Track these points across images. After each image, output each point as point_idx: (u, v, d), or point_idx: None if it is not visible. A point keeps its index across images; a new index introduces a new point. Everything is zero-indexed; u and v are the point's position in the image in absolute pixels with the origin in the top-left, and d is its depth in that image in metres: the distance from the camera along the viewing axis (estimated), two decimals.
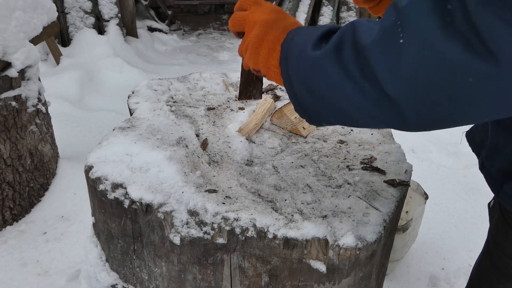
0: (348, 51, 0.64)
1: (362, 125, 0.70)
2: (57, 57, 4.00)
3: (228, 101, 1.41)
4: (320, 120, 0.76)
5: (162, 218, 0.95)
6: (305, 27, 0.80)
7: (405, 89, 0.58)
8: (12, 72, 1.97)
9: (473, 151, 1.11)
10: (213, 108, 1.36)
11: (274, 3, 1.20)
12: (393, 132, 1.31)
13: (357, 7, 5.58)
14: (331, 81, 0.67)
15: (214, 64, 4.96)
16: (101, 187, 1.01)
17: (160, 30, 5.75)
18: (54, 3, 2.88)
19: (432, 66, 0.55)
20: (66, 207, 2.27)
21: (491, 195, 2.48)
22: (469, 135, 1.12)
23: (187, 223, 0.93)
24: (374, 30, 0.61)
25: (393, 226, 1.05)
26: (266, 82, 1.53)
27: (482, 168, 1.01)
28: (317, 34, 0.73)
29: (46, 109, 2.30)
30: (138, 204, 0.97)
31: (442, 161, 2.86)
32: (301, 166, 1.11)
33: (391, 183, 1.05)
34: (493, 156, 0.95)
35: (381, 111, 0.63)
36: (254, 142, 1.20)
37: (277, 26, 0.82)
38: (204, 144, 1.17)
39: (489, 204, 1.21)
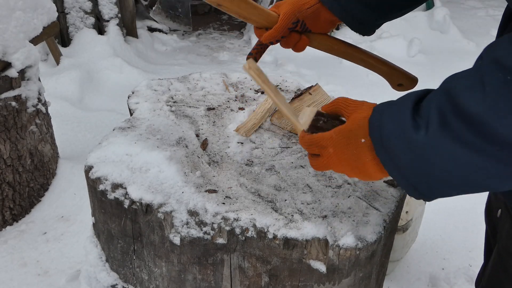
0: (457, 124, 0.59)
1: (497, 188, 0.65)
2: (57, 57, 4.00)
3: (228, 101, 1.41)
4: (439, 195, 0.69)
5: (162, 218, 0.95)
6: (384, 108, 0.71)
7: None
8: (12, 72, 1.97)
9: None
10: (213, 108, 1.36)
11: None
12: None
13: None
14: (451, 158, 0.61)
15: (214, 64, 4.96)
16: (101, 187, 1.01)
17: (160, 30, 5.75)
18: (54, 3, 2.88)
19: None
20: (66, 207, 2.27)
21: None
22: None
23: (187, 223, 0.93)
24: (477, 90, 0.57)
25: (393, 226, 1.05)
26: None
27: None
28: (409, 111, 0.66)
29: (46, 109, 2.30)
30: (138, 204, 0.97)
31: None
32: (301, 166, 1.11)
33: (391, 183, 1.05)
34: None
35: None
36: (254, 142, 1.20)
37: (350, 131, 0.74)
38: (204, 144, 1.17)
39: (488, 212, 1.19)
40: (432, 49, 4.90)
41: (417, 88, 0.86)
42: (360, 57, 1.13)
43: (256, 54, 1.15)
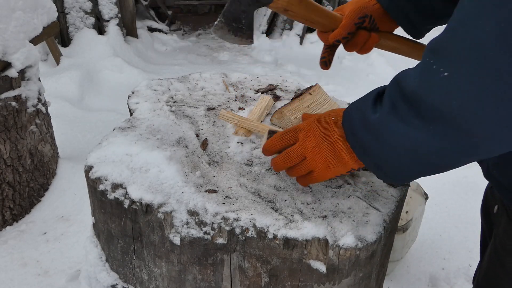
0: (401, 106, 0.69)
1: (455, 165, 0.72)
2: (57, 57, 4.00)
3: (228, 101, 1.41)
4: (401, 176, 0.79)
5: (162, 218, 0.95)
6: (354, 102, 0.83)
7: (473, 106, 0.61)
8: (12, 72, 1.97)
9: None
10: (213, 108, 1.36)
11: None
12: None
13: None
14: (399, 137, 0.71)
15: (214, 64, 4.96)
16: (101, 187, 1.01)
17: (160, 30, 5.75)
18: (54, 3, 2.88)
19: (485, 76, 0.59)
20: (66, 207, 2.28)
21: None
22: None
23: (187, 223, 0.93)
24: (413, 73, 0.67)
25: (393, 226, 1.05)
26: (264, 83, 1.53)
27: (489, 176, 1.00)
28: (371, 99, 0.77)
29: (46, 109, 2.30)
30: (138, 204, 0.97)
31: None
32: None
33: (391, 183, 1.05)
34: (502, 165, 0.93)
35: (463, 142, 0.66)
36: (254, 142, 1.20)
37: (322, 121, 0.86)
38: (204, 144, 1.17)
39: (484, 208, 1.20)
40: None
41: None
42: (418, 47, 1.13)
43: (329, 56, 1.15)
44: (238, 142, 1.18)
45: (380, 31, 1.10)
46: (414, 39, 1.16)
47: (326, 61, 1.15)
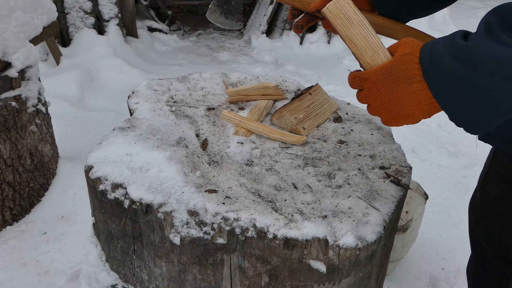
0: (501, 31, 0.67)
1: None
2: (57, 57, 4.00)
3: (228, 101, 1.41)
4: (487, 116, 0.73)
5: (162, 218, 0.95)
6: (434, 40, 0.78)
7: None
8: (12, 72, 1.97)
9: None
10: (213, 108, 1.36)
11: None
12: (393, 132, 1.31)
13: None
14: (499, 60, 0.67)
15: (214, 64, 4.96)
16: (101, 187, 1.01)
17: (160, 30, 5.75)
18: (54, 3, 2.88)
19: None
20: (66, 207, 2.27)
21: None
22: None
23: (187, 223, 0.93)
24: None
25: (393, 226, 1.05)
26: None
27: (489, 137, 1.00)
28: (458, 33, 0.74)
29: (46, 109, 2.30)
30: (138, 204, 0.97)
31: (442, 161, 2.86)
32: (300, 166, 1.11)
33: (395, 181, 1.05)
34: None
35: None
36: (254, 142, 1.20)
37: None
38: (204, 144, 1.17)
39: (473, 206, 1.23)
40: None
41: None
42: (402, 28, 1.08)
43: (303, 22, 1.12)
44: (238, 142, 1.18)
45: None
46: (387, 18, 1.12)
47: (299, 25, 1.13)
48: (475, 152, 2.96)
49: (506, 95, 0.69)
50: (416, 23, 1.10)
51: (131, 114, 1.32)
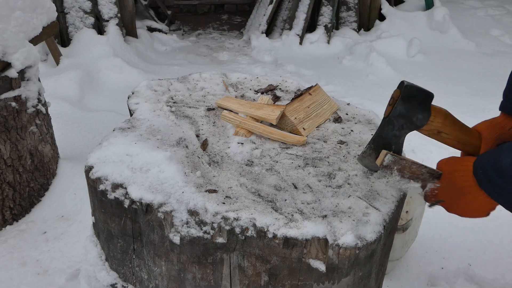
0: None
1: None
2: (57, 57, 4.00)
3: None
4: None
5: (162, 217, 0.95)
6: (484, 154, 0.93)
7: None
8: (12, 73, 1.97)
9: None
10: (213, 109, 1.36)
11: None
12: None
13: (356, 7, 5.58)
14: None
15: (214, 64, 4.96)
16: (101, 187, 1.01)
17: (159, 30, 5.75)
18: (53, 3, 2.88)
19: None
20: (66, 207, 2.27)
21: None
22: None
23: (187, 222, 0.93)
24: None
25: (393, 226, 1.06)
26: (264, 83, 1.53)
27: None
28: (505, 148, 0.86)
29: (46, 109, 2.30)
30: (138, 204, 0.97)
31: None
32: (301, 166, 1.11)
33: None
34: None
35: None
36: (254, 143, 1.20)
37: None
38: (204, 145, 1.18)
39: None
40: (432, 49, 4.90)
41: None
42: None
43: None
44: (238, 143, 1.19)
45: None
46: None
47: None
48: None
49: None
50: (416, 23, 1.09)
51: (131, 115, 1.32)
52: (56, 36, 4.33)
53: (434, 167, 1.01)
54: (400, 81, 1.02)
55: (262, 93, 1.46)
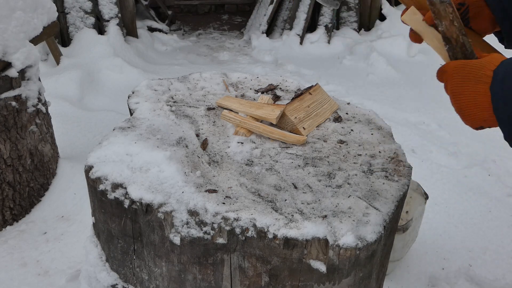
0: None
1: None
2: (57, 57, 4.00)
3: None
4: None
5: (162, 218, 0.95)
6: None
7: None
8: (12, 72, 1.97)
9: None
10: (213, 108, 1.36)
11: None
12: (393, 132, 1.31)
13: (357, 7, 5.58)
14: None
15: (214, 64, 4.96)
16: (101, 187, 1.01)
17: (160, 30, 5.75)
18: (54, 3, 2.88)
19: None
20: (66, 207, 2.27)
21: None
22: None
23: (187, 223, 0.93)
24: None
25: (393, 226, 1.05)
26: (265, 83, 1.53)
27: None
28: None
29: (46, 109, 2.30)
30: (138, 204, 0.97)
31: (442, 161, 2.86)
32: (301, 166, 1.11)
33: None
34: None
35: None
36: (254, 142, 1.20)
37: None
38: (204, 144, 1.17)
39: None
40: (432, 49, 4.89)
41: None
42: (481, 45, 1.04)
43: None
44: (238, 142, 1.18)
45: (471, 29, 1.01)
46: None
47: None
48: (475, 152, 2.96)
49: None
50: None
51: (131, 114, 1.32)
52: (57, 36, 4.33)
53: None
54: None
55: (262, 92, 1.46)
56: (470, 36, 1.01)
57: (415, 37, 0.99)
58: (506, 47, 1.06)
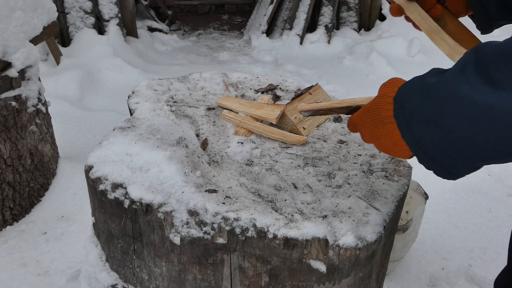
0: (473, 73, 0.62)
1: None
2: (57, 57, 4.00)
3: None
4: (463, 164, 0.68)
5: (162, 218, 0.95)
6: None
7: None
8: (12, 72, 1.97)
9: None
10: (213, 108, 1.36)
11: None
12: None
13: (357, 7, 5.58)
14: (462, 100, 0.62)
15: (214, 64, 4.96)
16: (101, 187, 1.01)
17: (160, 30, 5.75)
18: (54, 3, 2.88)
19: None
20: (66, 207, 2.27)
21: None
22: None
23: (187, 223, 0.93)
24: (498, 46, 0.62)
25: (393, 226, 1.05)
26: (265, 83, 1.53)
27: None
28: (433, 70, 0.71)
29: (46, 109, 2.30)
30: (138, 204, 0.97)
31: None
32: (300, 166, 1.11)
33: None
34: None
35: None
36: (254, 142, 1.20)
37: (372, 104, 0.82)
38: (204, 144, 1.17)
39: None
40: (432, 49, 4.89)
41: None
42: (469, 38, 1.06)
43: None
44: (238, 142, 1.18)
45: (447, 10, 1.03)
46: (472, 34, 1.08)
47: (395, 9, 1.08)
48: None
49: (472, 141, 0.64)
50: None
51: (131, 114, 1.32)
52: (57, 36, 4.33)
53: None
54: None
55: (262, 92, 1.46)
56: (448, 19, 1.03)
57: (397, 9, 1.02)
58: (481, 33, 1.08)
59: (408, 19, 1.06)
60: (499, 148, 0.63)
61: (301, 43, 5.26)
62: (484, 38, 0.84)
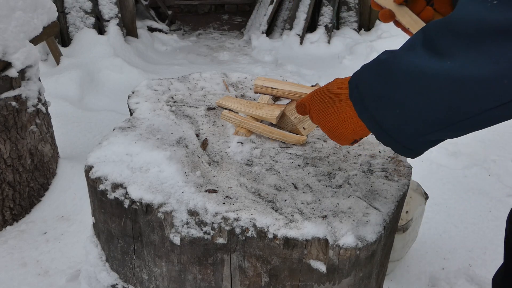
0: (419, 45, 0.66)
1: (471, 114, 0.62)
2: (57, 57, 4.00)
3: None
4: (416, 137, 0.70)
5: (162, 218, 0.95)
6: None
7: None
8: (12, 72, 1.97)
9: None
10: (213, 108, 1.36)
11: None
12: None
13: (357, 7, 5.58)
14: (414, 73, 0.65)
15: (214, 64, 4.96)
16: (101, 187, 1.01)
17: (160, 30, 5.76)
18: (54, 3, 2.88)
19: None
20: (66, 207, 2.27)
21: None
22: None
23: (187, 223, 0.93)
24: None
25: (393, 226, 1.05)
26: None
27: None
28: (387, 51, 0.74)
29: (46, 109, 2.30)
30: (138, 204, 0.97)
31: (442, 161, 2.86)
32: (300, 166, 1.11)
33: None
34: None
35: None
36: (254, 142, 1.20)
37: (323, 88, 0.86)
38: (204, 144, 1.17)
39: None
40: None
41: None
42: None
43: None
44: (238, 142, 1.18)
45: (436, 11, 1.04)
46: None
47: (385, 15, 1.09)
48: (475, 152, 2.96)
49: (421, 112, 0.66)
50: None
51: (131, 114, 1.32)
52: (57, 36, 4.34)
53: None
54: None
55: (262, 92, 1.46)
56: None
57: (389, 14, 1.03)
58: None
59: (397, 24, 1.06)
60: (447, 116, 0.64)
61: (301, 43, 5.26)
62: None
